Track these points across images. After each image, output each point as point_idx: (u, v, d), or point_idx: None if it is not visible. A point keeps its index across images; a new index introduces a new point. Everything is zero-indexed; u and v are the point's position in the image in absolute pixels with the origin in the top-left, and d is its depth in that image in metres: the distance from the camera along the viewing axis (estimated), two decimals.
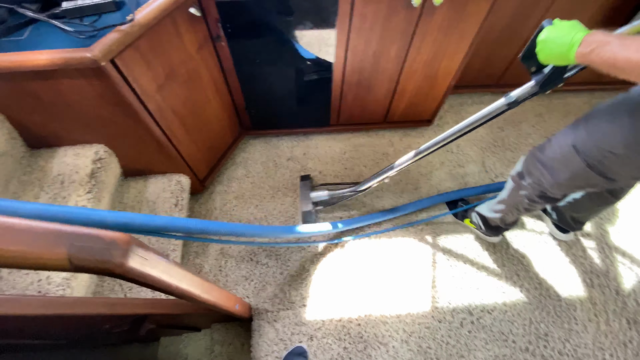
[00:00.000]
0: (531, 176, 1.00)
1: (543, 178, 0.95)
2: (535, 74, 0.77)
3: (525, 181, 1.03)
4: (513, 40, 1.58)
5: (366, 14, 1.15)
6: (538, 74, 0.76)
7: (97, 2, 0.88)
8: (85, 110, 1.01)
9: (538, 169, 0.96)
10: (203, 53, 1.18)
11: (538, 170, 0.96)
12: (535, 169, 0.97)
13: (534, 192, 1.02)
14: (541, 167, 0.95)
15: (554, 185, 0.93)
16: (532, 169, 0.99)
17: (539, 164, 0.95)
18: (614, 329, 1.29)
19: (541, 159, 0.95)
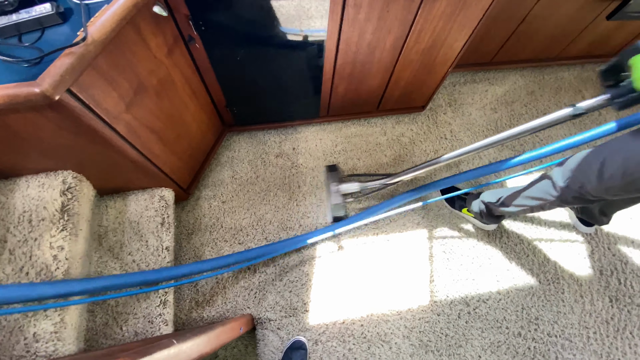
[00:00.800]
0: (575, 180, 0.92)
1: (588, 184, 0.87)
2: (610, 89, 0.73)
3: (565, 183, 0.95)
4: (511, 19, 1.47)
5: (361, 4, 1.00)
6: (614, 89, 0.72)
7: (37, 16, 0.70)
8: (44, 142, 0.86)
9: (585, 174, 0.88)
10: (174, 56, 1.02)
11: (584, 176, 0.88)
12: (581, 173, 0.89)
13: (570, 194, 0.95)
14: (590, 174, 0.86)
15: (599, 190, 0.86)
16: (577, 172, 0.91)
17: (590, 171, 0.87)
18: (597, 307, 1.38)
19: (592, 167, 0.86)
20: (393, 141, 1.68)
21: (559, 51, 1.79)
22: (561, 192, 0.97)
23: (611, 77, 0.72)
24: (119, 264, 1.13)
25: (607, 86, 0.74)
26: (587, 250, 1.48)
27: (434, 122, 1.74)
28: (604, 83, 0.74)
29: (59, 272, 0.90)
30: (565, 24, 1.58)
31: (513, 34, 1.58)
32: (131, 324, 1.06)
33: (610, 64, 0.71)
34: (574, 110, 0.79)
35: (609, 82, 0.73)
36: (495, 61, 1.77)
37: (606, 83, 0.73)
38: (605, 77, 0.73)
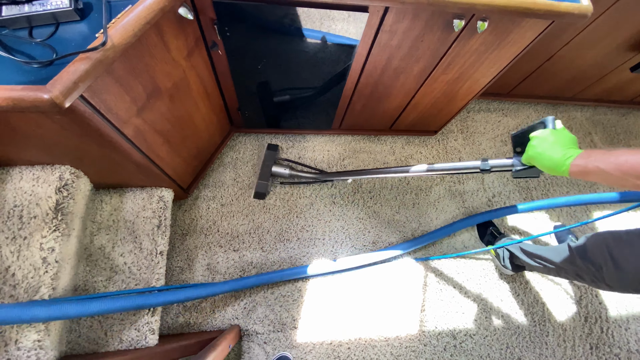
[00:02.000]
0: (594, 259, 0.92)
1: (606, 269, 0.87)
2: (517, 155, 0.74)
3: (583, 261, 0.95)
4: (537, 57, 1.44)
5: (396, 31, 0.95)
6: (518, 156, 0.73)
7: (52, 10, 0.63)
8: (44, 139, 0.80)
9: (604, 257, 0.87)
10: (192, 59, 0.95)
11: (603, 258, 0.88)
12: (602, 257, 0.89)
13: (587, 274, 0.94)
14: (609, 259, 0.86)
15: (613, 280, 0.86)
16: (598, 256, 0.90)
17: (609, 254, 0.87)
18: (577, 354, 1.41)
19: (613, 254, 0.86)
20: (401, 162, 1.65)
21: (576, 92, 1.78)
22: (579, 266, 0.97)
23: (520, 144, 0.72)
24: (109, 265, 1.09)
25: (515, 152, 0.74)
26: (575, 295, 1.50)
27: (444, 148, 1.72)
28: (514, 148, 0.74)
29: (47, 276, 0.85)
30: (589, 68, 1.56)
31: (536, 71, 1.55)
32: (117, 330, 1.02)
33: (520, 131, 0.71)
34: (482, 165, 0.79)
35: (518, 149, 0.73)
36: (512, 93, 1.75)
37: (515, 149, 0.74)
38: (515, 143, 0.73)
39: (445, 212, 1.58)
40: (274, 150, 1.44)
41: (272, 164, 1.41)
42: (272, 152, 1.44)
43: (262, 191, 1.39)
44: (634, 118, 2.01)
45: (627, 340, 1.46)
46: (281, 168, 1.42)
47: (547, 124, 0.69)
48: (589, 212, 1.69)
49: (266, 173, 1.40)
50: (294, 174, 1.43)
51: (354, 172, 1.21)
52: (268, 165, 1.41)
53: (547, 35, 1.27)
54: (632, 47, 1.42)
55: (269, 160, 1.42)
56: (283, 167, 1.42)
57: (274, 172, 1.41)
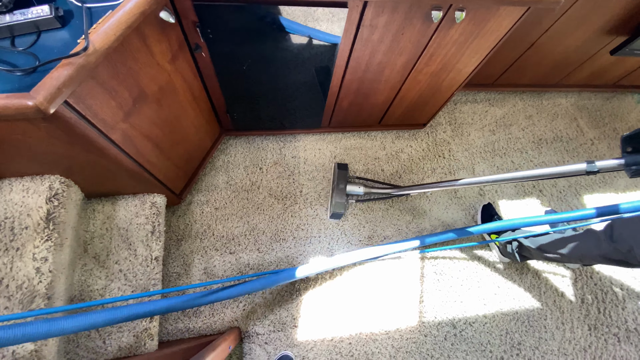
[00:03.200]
0: (621, 242, 0.92)
1: (637, 248, 0.88)
2: (629, 155, 0.71)
3: (613, 245, 0.95)
4: (518, 46, 1.47)
5: (377, 25, 0.97)
6: (632, 155, 0.70)
7: (33, 19, 0.64)
8: (32, 148, 0.80)
9: (635, 239, 0.88)
10: (177, 63, 0.96)
11: (634, 240, 0.89)
12: (631, 238, 0.89)
13: (615, 255, 0.95)
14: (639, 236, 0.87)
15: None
16: (627, 236, 0.91)
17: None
18: (576, 335, 1.43)
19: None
20: (392, 156, 1.67)
21: (560, 79, 1.81)
22: (607, 251, 0.97)
23: (632, 144, 0.70)
24: (104, 273, 1.08)
25: (625, 152, 0.72)
26: (571, 278, 1.52)
27: (433, 140, 1.73)
28: (623, 148, 0.72)
29: (42, 285, 0.85)
30: (570, 54, 1.60)
31: (518, 60, 1.58)
32: (115, 337, 1.02)
33: (635, 132, 0.69)
34: (589, 167, 0.77)
35: (628, 149, 0.71)
36: (497, 83, 1.78)
37: (625, 149, 0.71)
38: (626, 143, 0.71)
39: (438, 203, 1.59)
40: (344, 170, 1.47)
41: (345, 183, 1.43)
42: (343, 171, 1.47)
43: (340, 211, 1.41)
44: (618, 101, 2.05)
45: (625, 319, 1.47)
46: (355, 186, 1.45)
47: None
48: (579, 196, 1.71)
49: (341, 192, 1.41)
50: (368, 191, 1.45)
51: (429, 184, 1.20)
52: (342, 184, 1.43)
53: (525, 23, 1.30)
54: (610, 31, 1.45)
55: (341, 179, 1.44)
56: (357, 185, 1.45)
57: (349, 191, 1.44)
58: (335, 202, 1.41)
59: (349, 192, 1.45)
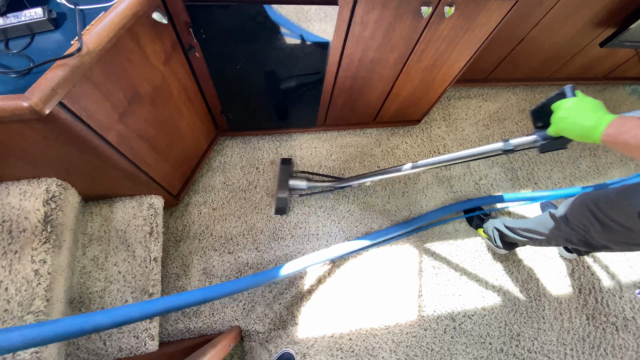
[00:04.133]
0: (578, 223, 0.95)
1: (593, 228, 0.90)
2: (539, 129, 0.71)
3: (568, 226, 0.99)
4: (509, 40, 1.49)
5: (368, 22, 0.98)
6: (542, 130, 0.70)
7: (27, 21, 0.65)
8: (28, 151, 0.81)
9: (589, 219, 0.91)
10: (171, 64, 0.97)
11: (588, 220, 0.91)
12: (586, 219, 0.92)
13: (575, 236, 0.98)
14: (593, 220, 0.89)
15: (602, 238, 0.90)
16: (582, 218, 0.93)
17: (592, 216, 0.90)
18: (575, 325, 1.44)
19: (595, 213, 0.89)
20: (387, 153, 1.68)
21: (552, 72, 1.83)
22: (566, 233, 0.99)
23: (541, 118, 0.70)
24: (103, 275, 1.09)
25: (536, 127, 0.71)
26: (567, 269, 1.53)
27: (428, 136, 1.75)
28: (534, 124, 0.72)
29: (41, 287, 0.85)
30: (560, 47, 1.61)
31: (509, 54, 1.60)
32: (115, 338, 1.02)
33: (539, 105, 0.69)
34: (505, 146, 0.76)
35: (539, 124, 0.71)
36: (490, 78, 1.80)
37: (536, 124, 0.71)
38: (535, 118, 0.71)
39: (434, 198, 1.60)
40: (288, 164, 1.47)
41: (288, 178, 1.43)
42: (286, 165, 1.47)
43: (282, 206, 1.41)
44: (610, 93, 2.07)
45: (622, 308, 1.49)
46: (298, 181, 1.43)
47: (566, 93, 0.65)
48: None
49: (284, 187, 1.41)
50: (311, 185, 1.44)
51: (370, 174, 1.19)
52: (284, 180, 1.42)
53: (515, 17, 1.32)
54: (599, 23, 1.47)
55: (284, 174, 1.44)
56: (300, 179, 1.44)
57: (292, 185, 1.43)
58: (278, 197, 1.41)
59: (292, 187, 1.44)
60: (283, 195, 1.41)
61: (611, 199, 0.86)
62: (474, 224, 1.54)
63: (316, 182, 1.45)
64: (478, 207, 1.56)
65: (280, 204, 1.41)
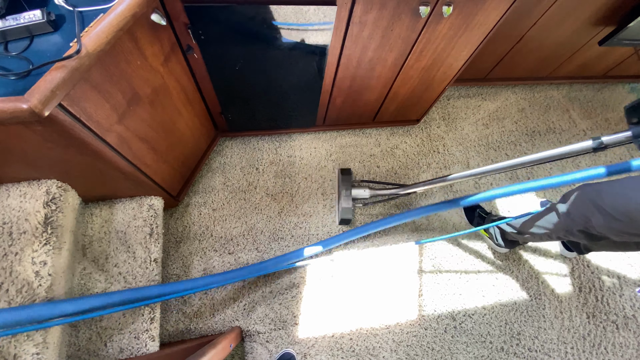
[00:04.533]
0: (579, 213, 0.95)
1: (594, 218, 0.90)
2: (635, 126, 0.69)
3: (570, 217, 0.99)
4: (507, 39, 1.49)
5: (366, 22, 0.99)
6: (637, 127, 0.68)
7: (26, 24, 0.65)
8: (28, 153, 0.81)
9: (590, 210, 0.91)
10: (170, 65, 0.97)
11: (590, 211, 0.91)
12: (587, 209, 0.92)
13: (575, 227, 0.98)
14: (594, 210, 0.89)
15: (603, 227, 0.89)
16: (583, 208, 0.93)
17: (594, 207, 0.90)
18: (575, 324, 1.44)
19: (597, 204, 0.89)
20: (387, 153, 1.68)
21: (550, 71, 1.83)
22: (567, 224, 0.99)
23: (637, 114, 0.68)
24: (104, 276, 1.09)
25: (631, 123, 0.69)
26: (568, 267, 1.54)
27: (428, 136, 1.75)
28: (628, 120, 0.70)
29: (42, 289, 0.85)
30: (559, 46, 1.62)
31: (508, 53, 1.60)
32: (116, 340, 1.02)
33: (636, 102, 0.68)
34: (595, 144, 0.74)
35: (634, 120, 0.69)
36: (489, 77, 1.80)
37: (631, 120, 0.69)
38: (630, 114, 0.69)
39: (433, 198, 1.61)
40: (348, 174, 1.49)
41: (350, 187, 1.44)
42: (347, 176, 1.48)
43: (348, 217, 1.42)
44: (608, 92, 2.07)
45: (623, 306, 1.49)
46: (361, 190, 1.46)
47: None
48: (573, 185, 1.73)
49: (348, 197, 1.43)
50: (374, 194, 1.46)
51: (435, 180, 1.19)
52: (347, 189, 1.44)
53: (514, 16, 1.32)
54: (598, 22, 1.47)
55: (346, 184, 1.45)
56: (362, 188, 1.47)
57: (355, 195, 1.45)
58: (343, 208, 1.42)
59: (355, 197, 1.46)
60: (347, 205, 1.42)
61: (615, 191, 0.86)
62: (474, 222, 1.54)
63: (379, 190, 1.47)
64: (477, 205, 1.56)
65: (345, 215, 1.42)
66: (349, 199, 1.43)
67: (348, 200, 1.42)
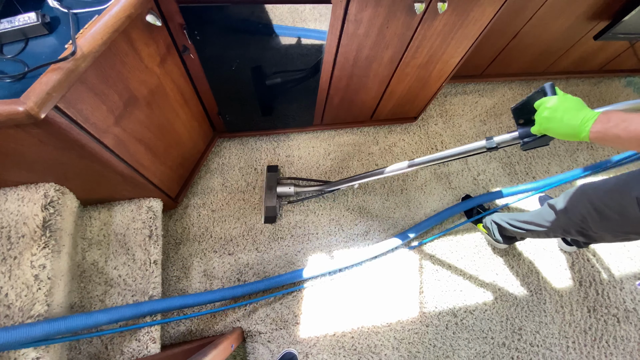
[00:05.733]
0: (576, 213, 0.95)
1: (590, 218, 0.90)
2: (522, 126, 0.71)
3: (567, 216, 0.99)
4: (503, 35, 1.49)
5: (361, 20, 0.99)
6: (525, 128, 0.70)
7: (20, 26, 0.65)
8: (25, 156, 0.81)
9: (587, 209, 0.90)
10: (166, 66, 0.97)
11: (586, 210, 0.91)
12: (584, 209, 0.92)
13: (573, 227, 0.98)
14: (591, 209, 0.89)
15: (600, 227, 0.89)
16: (580, 208, 0.93)
17: (591, 206, 0.89)
18: (576, 318, 1.44)
19: (594, 203, 0.88)
20: (385, 151, 1.68)
21: (547, 66, 1.84)
22: (564, 223, 0.99)
23: (522, 115, 0.70)
24: (103, 279, 1.09)
25: (518, 124, 0.71)
26: (568, 262, 1.54)
27: (425, 133, 1.75)
28: (516, 121, 0.72)
29: (41, 292, 0.85)
30: (554, 41, 1.62)
31: (504, 49, 1.60)
32: (117, 342, 1.02)
33: (520, 103, 0.69)
34: (488, 144, 0.77)
35: (520, 121, 0.71)
36: (485, 74, 1.80)
37: (518, 121, 0.71)
38: (517, 116, 0.71)
39: (433, 194, 1.61)
40: (274, 171, 1.46)
41: (275, 185, 1.42)
42: (272, 173, 1.46)
43: (272, 215, 1.40)
44: (605, 86, 2.08)
45: (623, 299, 1.49)
46: (286, 187, 1.43)
47: (547, 91, 0.64)
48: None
49: (272, 196, 1.40)
50: (299, 191, 1.44)
51: (358, 176, 1.19)
52: (272, 187, 1.42)
53: (509, 12, 1.33)
54: (593, 16, 1.48)
55: (271, 181, 1.43)
56: (287, 185, 1.43)
57: (279, 192, 1.42)
58: (267, 206, 1.39)
59: (280, 194, 1.43)
60: (272, 203, 1.40)
61: (610, 187, 0.87)
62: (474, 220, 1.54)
63: (304, 187, 1.44)
64: (479, 205, 1.56)
65: (269, 213, 1.40)
66: (273, 196, 1.41)
67: (272, 198, 1.40)
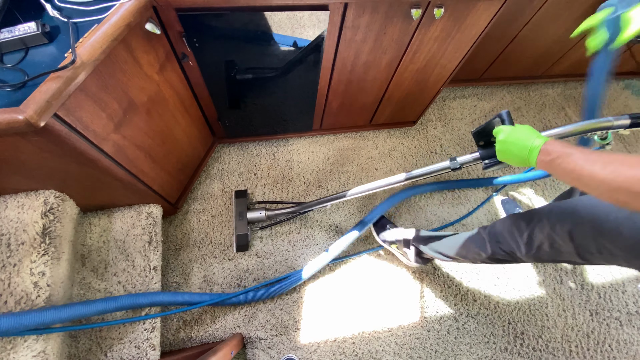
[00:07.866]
0: (505, 242, 0.90)
1: (517, 249, 0.86)
2: (482, 148, 0.76)
3: (496, 241, 0.93)
4: (501, 39, 1.50)
5: (359, 26, 1.00)
6: (485, 149, 0.75)
7: (20, 36, 0.65)
8: (25, 164, 0.81)
9: (515, 239, 0.86)
10: (166, 73, 0.98)
11: (514, 240, 0.86)
12: (512, 239, 0.87)
13: (500, 255, 0.92)
14: (518, 238, 0.85)
15: (529, 257, 0.85)
16: (508, 238, 0.88)
17: (518, 235, 0.85)
18: (578, 321, 1.43)
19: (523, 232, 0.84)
20: (385, 155, 1.69)
21: (545, 70, 1.85)
22: (492, 253, 0.94)
23: (482, 138, 0.74)
24: (103, 286, 1.09)
25: (478, 146, 0.76)
26: (568, 265, 1.53)
27: (425, 137, 1.76)
28: (476, 142, 0.76)
29: (40, 299, 0.85)
30: (552, 45, 1.63)
31: (502, 53, 1.61)
32: (116, 349, 1.01)
33: (480, 128, 0.73)
34: (452, 164, 0.82)
35: (480, 143, 0.75)
36: (484, 78, 1.81)
37: (478, 143, 0.75)
38: (477, 138, 0.75)
39: (432, 198, 1.60)
40: (243, 197, 1.39)
41: (245, 211, 1.35)
42: (241, 199, 1.38)
43: (243, 243, 1.34)
44: None
45: (626, 302, 1.48)
46: (256, 212, 1.35)
47: (504, 119, 0.69)
48: None
49: (242, 223, 1.34)
50: (271, 214, 1.36)
51: (331, 197, 1.18)
52: (242, 214, 1.34)
53: (506, 16, 1.34)
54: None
55: (241, 207, 1.36)
56: (258, 210, 1.36)
57: (250, 218, 1.36)
58: (237, 235, 1.33)
59: (251, 220, 1.37)
60: (243, 231, 1.32)
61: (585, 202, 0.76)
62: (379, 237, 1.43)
63: (275, 211, 1.37)
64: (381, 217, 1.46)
65: (240, 241, 1.33)
66: (244, 223, 1.33)
67: (243, 226, 1.33)
